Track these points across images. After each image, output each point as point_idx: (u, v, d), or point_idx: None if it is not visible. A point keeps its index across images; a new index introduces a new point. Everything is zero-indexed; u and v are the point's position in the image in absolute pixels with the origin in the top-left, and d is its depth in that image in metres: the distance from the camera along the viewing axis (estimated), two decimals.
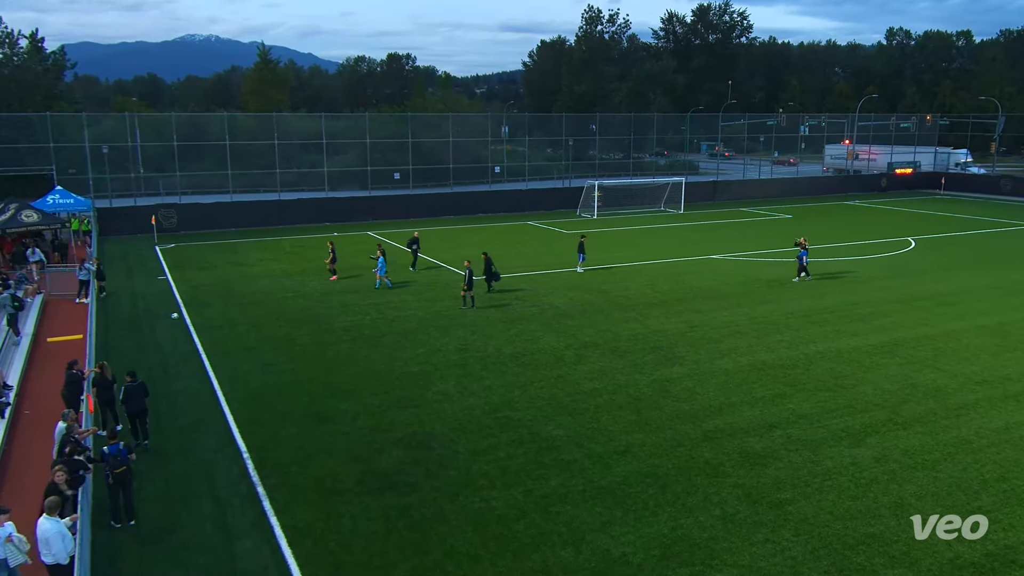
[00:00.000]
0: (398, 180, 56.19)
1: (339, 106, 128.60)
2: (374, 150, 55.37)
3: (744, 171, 73.03)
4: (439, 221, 51.39)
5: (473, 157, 61.51)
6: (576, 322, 25.81)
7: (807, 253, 32.21)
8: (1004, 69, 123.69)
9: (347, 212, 51.14)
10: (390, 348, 23.01)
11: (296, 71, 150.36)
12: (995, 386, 19.70)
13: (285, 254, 38.72)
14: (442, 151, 58.18)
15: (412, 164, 55.66)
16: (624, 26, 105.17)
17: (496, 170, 61.26)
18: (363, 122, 57.54)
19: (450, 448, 16.10)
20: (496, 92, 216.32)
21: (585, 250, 34.82)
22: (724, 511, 13.53)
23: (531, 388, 19.61)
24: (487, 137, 62.10)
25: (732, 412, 18.00)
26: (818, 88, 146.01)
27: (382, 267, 30.51)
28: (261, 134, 54.68)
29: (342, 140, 59.47)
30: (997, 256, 38.81)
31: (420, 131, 60.14)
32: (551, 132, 71.48)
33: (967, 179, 73.43)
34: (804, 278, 31.81)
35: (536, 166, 65.89)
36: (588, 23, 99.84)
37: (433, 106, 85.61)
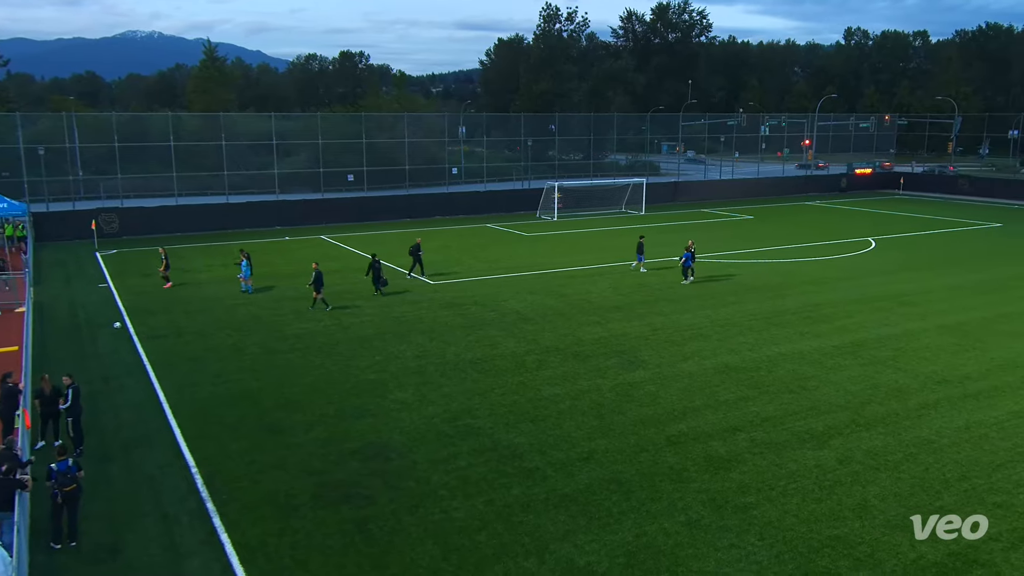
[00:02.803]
0: (352, 182, 55.76)
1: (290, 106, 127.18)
2: (326, 151, 54.88)
3: (705, 172, 74.00)
4: (395, 224, 51.13)
5: (429, 158, 61.32)
6: (537, 326, 25.88)
7: (692, 256, 32.38)
8: (959, 69, 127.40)
9: (299, 215, 50.60)
10: (345, 356, 22.81)
11: (244, 69, 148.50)
12: (955, 385, 20.24)
13: (234, 263, 38.13)
14: (397, 152, 57.91)
15: (366, 166, 55.28)
16: (583, 24, 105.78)
17: (453, 171, 61.16)
18: (315, 122, 57.05)
19: (409, 458, 16.01)
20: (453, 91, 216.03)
21: (644, 250, 35.02)
22: (689, 517, 13.67)
23: (492, 395, 19.59)
24: (444, 138, 61.99)
25: (696, 416, 18.20)
26: (778, 88, 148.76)
27: (245, 271, 30.43)
28: (208, 135, 53.82)
29: (293, 141, 58.84)
30: (956, 256, 39.91)
31: (374, 131, 59.80)
32: (509, 132, 71.59)
33: (926, 179, 75.38)
34: (689, 280, 32.15)
35: (494, 167, 65.90)
36: (546, 21, 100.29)
37: (388, 106, 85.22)
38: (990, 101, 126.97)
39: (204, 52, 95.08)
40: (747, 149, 79.34)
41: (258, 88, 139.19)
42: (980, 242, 44.93)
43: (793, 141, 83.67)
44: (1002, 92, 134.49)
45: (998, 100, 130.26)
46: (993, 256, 39.81)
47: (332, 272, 34.26)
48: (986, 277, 34.09)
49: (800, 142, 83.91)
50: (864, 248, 41.81)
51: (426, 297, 30.19)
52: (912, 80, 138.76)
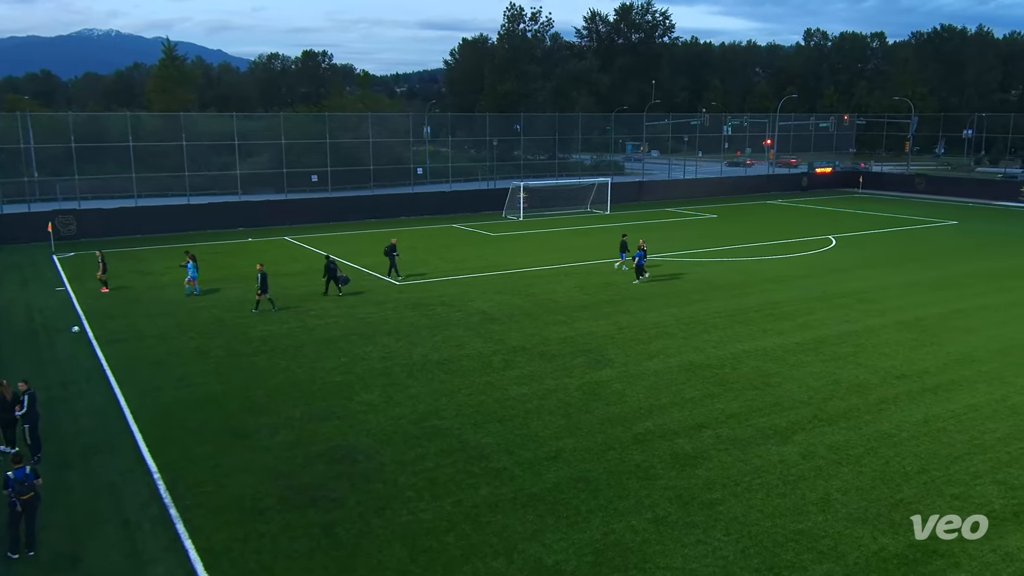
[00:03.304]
0: (315, 182, 55.28)
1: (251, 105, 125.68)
2: (290, 151, 54.33)
3: (669, 171, 74.64)
4: (360, 225, 50.82)
5: (394, 158, 61.00)
6: (503, 326, 25.90)
7: (644, 255, 32.56)
8: (916, 70, 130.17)
9: (262, 216, 50.05)
10: (310, 358, 22.63)
11: (205, 68, 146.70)
12: (913, 380, 20.67)
13: (179, 263, 37.56)
14: (362, 152, 57.50)
15: (330, 166, 54.84)
16: (547, 24, 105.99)
17: (419, 171, 60.91)
18: (277, 122, 56.44)
19: (376, 460, 15.93)
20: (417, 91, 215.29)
21: (628, 248, 35.09)
22: (656, 514, 13.78)
23: (459, 395, 19.57)
24: (409, 137, 61.71)
25: (662, 413, 18.35)
26: (740, 88, 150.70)
27: (192, 273, 30.18)
28: (168, 135, 52.93)
29: (255, 141, 58.10)
30: (913, 253, 40.75)
31: (338, 131, 59.29)
32: (475, 132, 71.50)
33: (884, 178, 76.84)
34: (643, 279, 32.40)
35: (460, 167, 65.75)
36: (510, 21, 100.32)
37: (352, 105, 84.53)
38: (945, 101, 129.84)
39: (163, 51, 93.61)
40: (710, 149, 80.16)
41: (219, 88, 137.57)
42: (936, 240, 45.92)
43: (755, 141, 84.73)
44: (956, 93, 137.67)
45: (952, 100, 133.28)
46: (949, 253, 40.72)
47: (296, 274, 34.02)
48: (942, 274, 34.86)
49: (762, 142, 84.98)
50: (825, 246, 42.49)
51: (392, 298, 30.06)
52: (870, 81, 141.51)
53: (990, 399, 19.31)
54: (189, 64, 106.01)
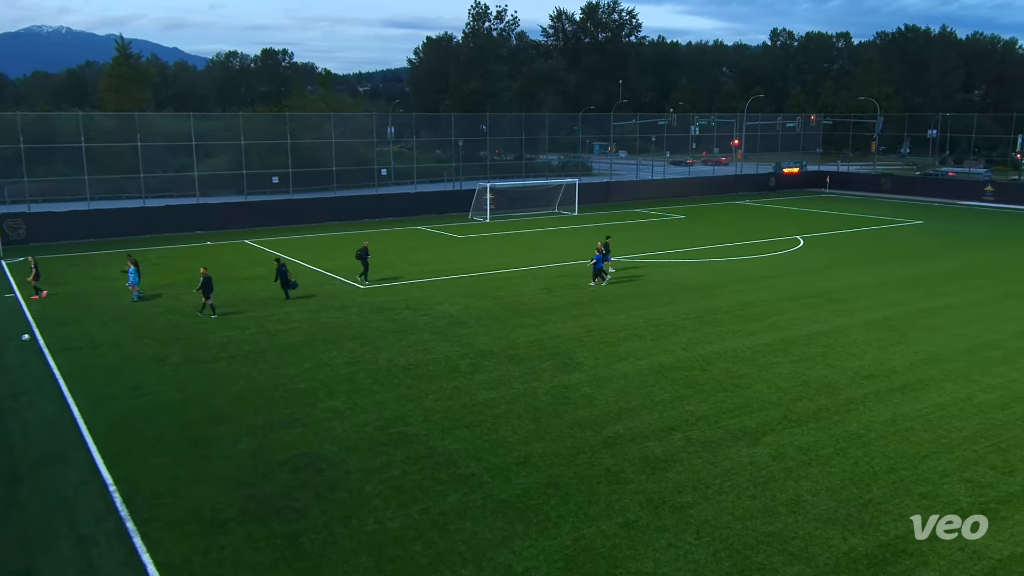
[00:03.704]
0: (276, 184, 54.75)
1: (209, 105, 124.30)
2: (249, 152, 53.73)
3: (637, 171, 75.18)
4: (323, 227, 50.44)
5: (358, 159, 60.65)
6: (471, 330, 25.87)
7: (602, 256, 32.46)
8: (881, 70, 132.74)
9: (221, 219, 49.44)
10: (272, 364, 22.40)
11: (160, 67, 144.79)
12: (881, 380, 21.03)
13: (152, 266, 37.05)
14: (324, 153, 57.09)
15: (292, 167, 54.34)
16: (512, 23, 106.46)
17: (383, 172, 60.64)
18: (236, 122, 55.79)
19: (341, 468, 15.81)
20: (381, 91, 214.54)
21: (609, 250, 34.69)
22: (626, 518, 13.85)
23: (425, 401, 19.51)
24: (372, 138, 61.41)
25: (632, 417, 18.46)
26: (707, 88, 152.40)
27: (133, 278, 29.80)
28: (122, 135, 52.08)
29: (214, 142, 57.45)
30: (880, 253, 41.49)
31: (300, 132, 58.82)
32: (440, 132, 71.37)
33: (851, 178, 78.15)
34: (600, 282, 32.38)
35: (425, 168, 65.60)
36: (475, 20, 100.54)
37: (313, 105, 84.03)
38: (909, 101, 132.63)
39: (117, 49, 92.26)
40: (678, 149, 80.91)
41: (175, 86, 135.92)
42: (903, 239, 46.81)
43: (723, 141, 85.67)
44: (921, 93, 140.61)
45: (917, 100, 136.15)
46: (915, 253, 41.52)
47: (256, 278, 33.66)
48: (909, 273, 35.53)
49: (730, 142, 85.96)
50: (793, 246, 43.08)
51: (356, 302, 29.87)
52: (836, 81, 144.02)
53: (956, 398, 19.71)
54: (144, 62, 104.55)
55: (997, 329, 25.98)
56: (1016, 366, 22.17)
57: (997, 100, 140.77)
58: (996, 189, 67.03)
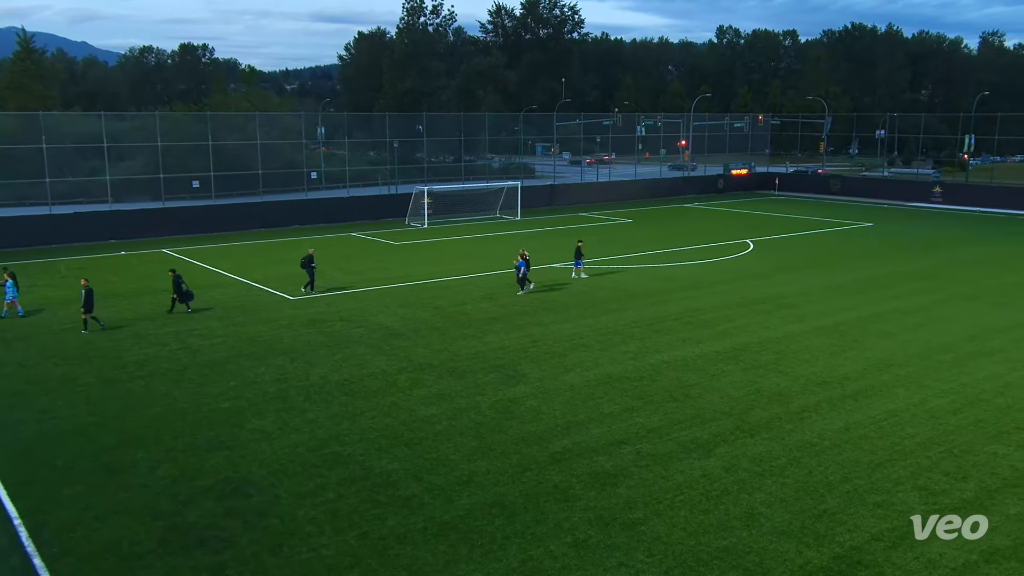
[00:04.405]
0: (197, 189, 53.76)
1: (123, 104, 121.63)
2: (167, 154, 52.64)
3: (582, 174, 75.87)
4: (248, 235, 49.66)
5: (285, 162, 59.95)
6: (409, 342, 25.75)
7: (526, 264, 32.54)
8: (828, 69, 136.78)
9: (136, 227, 48.27)
10: (195, 383, 21.95)
11: (67, 63, 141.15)
12: (834, 387, 21.59)
13: (60, 278, 35.99)
14: (249, 155, 56.29)
15: (213, 170, 53.41)
16: (449, 18, 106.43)
17: (312, 176, 60.03)
18: (153, 122, 54.65)
19: (270, 493, 15.56)
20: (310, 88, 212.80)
21: (582, 255, 35.76)
22: (576, 537, 13.93)
23: (361, 419, 19.34)
24: (301, 139, 60.86)
25: (580, 431, 18.58)
26: (652, 87, 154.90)
27: (11, 293, 28.96)
28: (25, 137, 50.54)
29: (128, 143, 56.16)
30: (831, 256, 42.63)
31: (222, 132, 57.88)
32: (373, 133, 71.00)
33: (799, 180, 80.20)
34: (527, 290, 32.54)
35: (358, 171, 65.17)
36: (410, 14, 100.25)
37: (237, 104, 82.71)
38: (857, 101, 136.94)
39: (18, 43, 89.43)
40: (623, 150, 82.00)
41: (85, 84, 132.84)
42: (853, 242, 48.18)
43: (669, 141, 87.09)
44: (868, 92, 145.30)
45: (865, 100, 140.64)
46: (866, 256, 42.75)
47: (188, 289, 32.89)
48: (860, 276, 36.58)
49: (676, 142, 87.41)
50: (743, 250, 43.97)
51: (285, 314, 29.47)
52: (783, 80, 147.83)
53: (909, 404, 20.34)
54: (49, 58, 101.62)
55: (947, 332, 26.92)
56: (967, 370, 22.99)
57: (944, 100, 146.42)
58: (944, 190, 69.52)
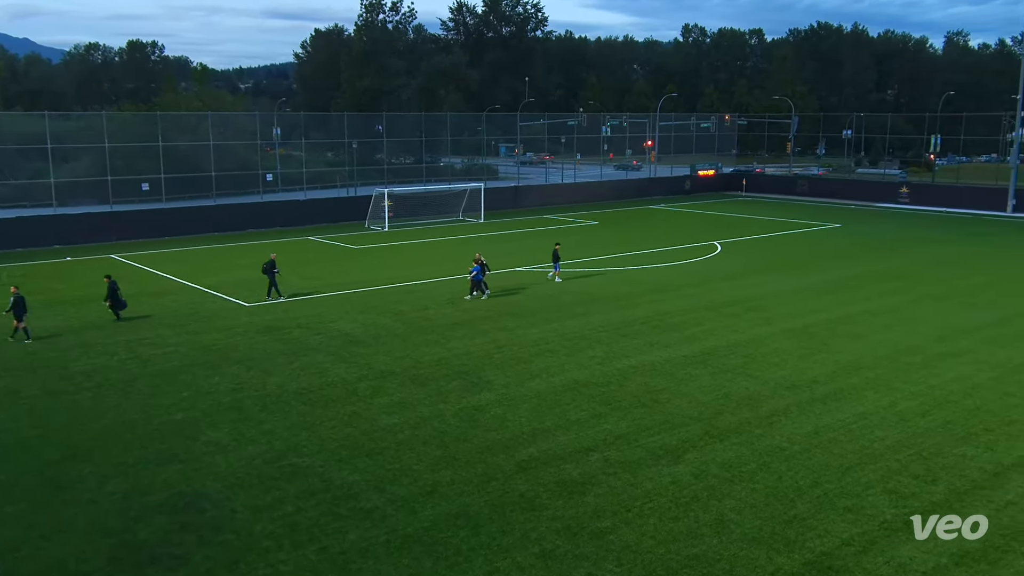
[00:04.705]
0: (147, 192, 53.02)
1: (68, 103, 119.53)
2: (115, 156, 51.83)
3: (547, 175, 76.08)
4: (201, 239, 49.06)
5: (240, 163, 59.32)
6: (370, 349, 25.60)
7: (480, 269, 32.45)
8: (795, 68, 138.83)
9: (83, 232, 47.45)
10: (145, 394, 21.61)
11: (8, 60, 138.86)
12: (803, 390, 21.85)
13: (1, 285, 35.24)
14: (201, 157, 55.62)
15: (164, 172, 52.70)
16: (409, 15, 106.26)
17: (268, 178, 59.50)
18: (99, 122, 53.75)
19: (226, 507, 15.35)
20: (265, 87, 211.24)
21: (560, 257, 36.11)
22: (543, 547, 13.92)
23: (321, 429, 19.18)
24: (256, 140, 60.23)
25: (546, 438, 18.59)
26: (618, 87, 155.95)
27: None
28: None
29: (73, 144, 55.21)
30: (798, 258, 43.20)
31: (173, 133, 57.17)
32: (331, 134, 70.59)
33: (767, 180, 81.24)
34: (479, 296, 32.40)
35: (315, 173, 64.74)
36: (368, 11, 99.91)
37: (188, 103, 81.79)
38: (824, 101, 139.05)
39: None
40: (589, 150, 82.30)
41: (27, 82, 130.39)
42: (821, 243, 48.87)
43: (635, 142, 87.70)
44: (835, 92, 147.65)
45: (831, 100, 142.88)
46: (834, 257, 43.38)
47: (126, 297, 32.37)
48: (829, 278, 37.10)
49: (642, 143, 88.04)
50: (710, 252, 44.37)
51: (240, 322, 29.15)
52: (750, 79, 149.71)
53: (878, 406, 20.65)
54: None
55: (916, 334, 27.38)
56: (935, 372, 23.40)
57: (910, 100, 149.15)
58: (911, 191, 70.84)
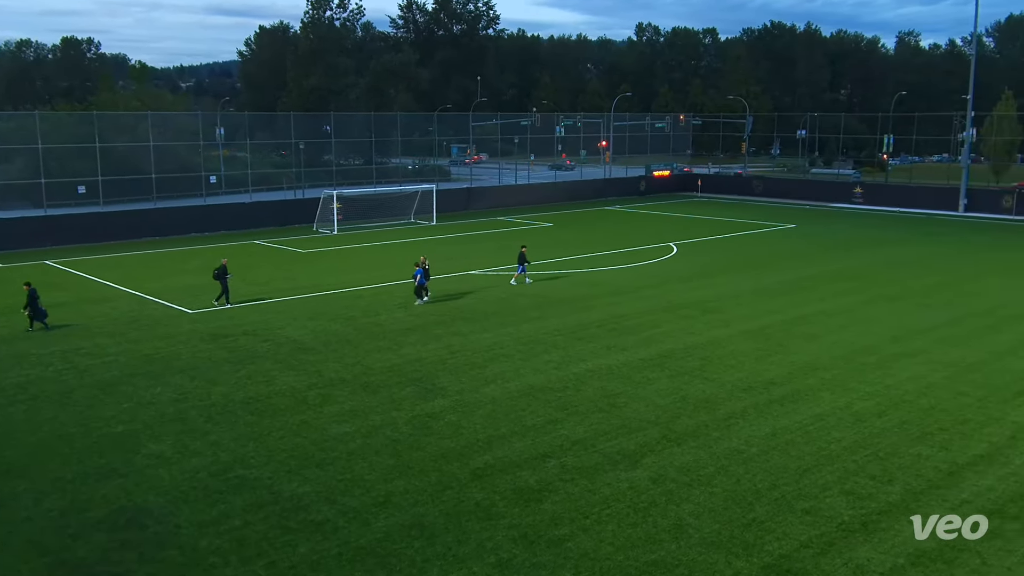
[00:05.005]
0: (84, 195, 52.04)
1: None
2: (49, 157, 50.77)
3: (500, 176, 76.24)
4: (141, 244, 48.26)
5: (181, 165, 58.51)
6: (319, 356, 25.41)
7: (423, 272, 32.15)
8: (748, 68, 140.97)
9: (15, 237, 46.39)
10: (83, 405, 21.18)
11: None
12: (760, 392, 22.19)
13: None
14: (141, 158, 54.73)
15: (101, 175, 51.75)
16: (357, 13, 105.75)
17: (212, 180, 58.76)
18: (32, 122, 52.63)
19: (169, 523, 15.11)
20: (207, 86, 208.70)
21: (526, 259, 36.14)
22: (499, 557, 13.94)
23: (269, 439, 18.98)
24: (199, 141, 59.44)
25: (502, 445, 18.62)
26: (571, 86, 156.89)
27: None
28: None
29: (4, 146, 53.96)
30: (754, 258, 43.85)
31: (110, 134, 56.17)
32: (277, 134, 69.96)
33: (722, 181, 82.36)
34: (422, 301, 32.15)
35: (261, 174, 64.11)
36: (315, 8, 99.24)
37: (126, 103, 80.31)
38: (778, 100, 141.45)
39: None
40: (542, 151, 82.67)
41: None
42: (777, 244, 49.68)
43: (590, 142, 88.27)
44: (788, 92, 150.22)
45: (785, 100, 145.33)
46: (790, 257, 44.14)
47: (62, 305, 31.77)
48: (785, 279, 37.73)
49: (597, 143, 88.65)
50: (666, 254, 44.83)
51: (184, 329, 28.72)
52: (704, 79, 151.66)
53: (834, 407, 21.05)
54: None
55: (871, 334, 27.96)
56: (890, 372, 23.93)
57: (863, 100, 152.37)
58: (865, 191, 72.40)
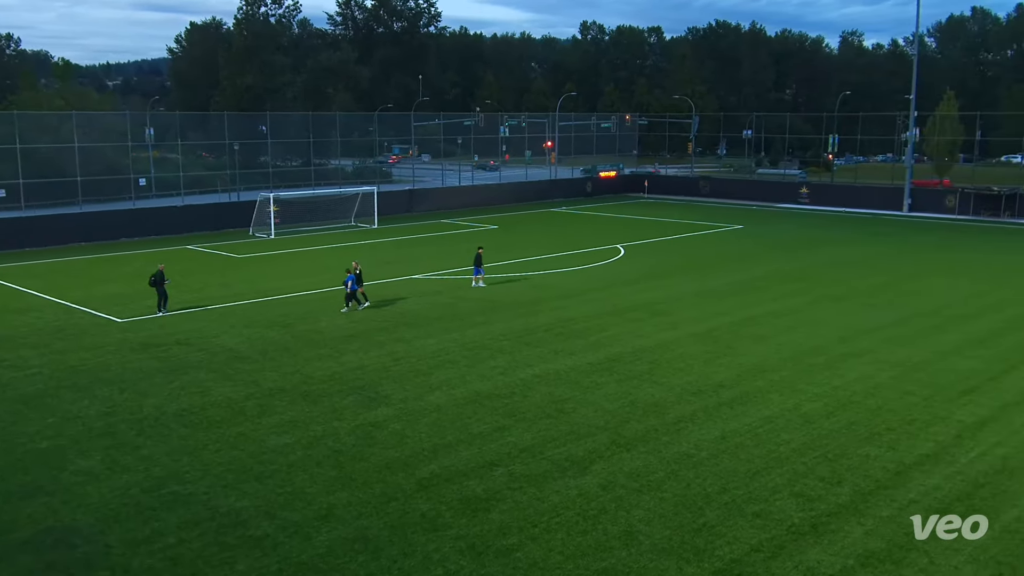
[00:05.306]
0: (4, 199, 50.70)
1: None
2: None
3: (443, 178, 76.12)
4: (66, 250, 47.13)
5: (109, 167, 57.30)
6: (256, 365, 25.08)
7: (355, 278, 31.90)
8: (694, 68, 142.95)
9: None
10: (5, 421, 20.60)
11: None
12: (709, 395, 22.47)
13: None
14: (65, 160, 53.47)
15: (23, 177, 50.46)
16: (293, 9, 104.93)
17: (141, 182, 57.66)
18: None
19: (99, 542, 14.76)
20: (136, 85, 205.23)
21: (482, 262, 36.47)
22: (447, 569, 13.89)
23: (204, 453, 18.66)
24: (127, 141, 58.27)
25: (448, 454, 18.57)
26: (516, 85, 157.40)
27: None
28: None
29: None
30: (702, 260, 44.44)
31: (32, 134, 54.77)
32: (211, 135, 68.92)
33: (669, 181, 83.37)
34: (355, 306, 31.95)
35: (194, 177, 63.09)
36: (249, 3, 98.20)
37: (49, 102, 78.44)
38: (723, 100, 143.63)
39: None
40: (486, 151, 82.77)
41: None
42: (724, 245, 50.42)
43: (535, 142, 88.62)
44: (734, 91, 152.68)
45: (731, 100, 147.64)
46: (737, 259, 44.81)
47: None
48: (732, 280, 38.29)
49: (542, 144, 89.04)
50: (614, 256, 45.19)
51: (112, 339, 28.11)
52: (649, 79, 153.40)
53: (783, 409, 21.41)
54: None
55: (818, 335, 28.52)
56: (838, 372, 24.43)
57: (808, 100, 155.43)
58: (811, 191, 73.93)
